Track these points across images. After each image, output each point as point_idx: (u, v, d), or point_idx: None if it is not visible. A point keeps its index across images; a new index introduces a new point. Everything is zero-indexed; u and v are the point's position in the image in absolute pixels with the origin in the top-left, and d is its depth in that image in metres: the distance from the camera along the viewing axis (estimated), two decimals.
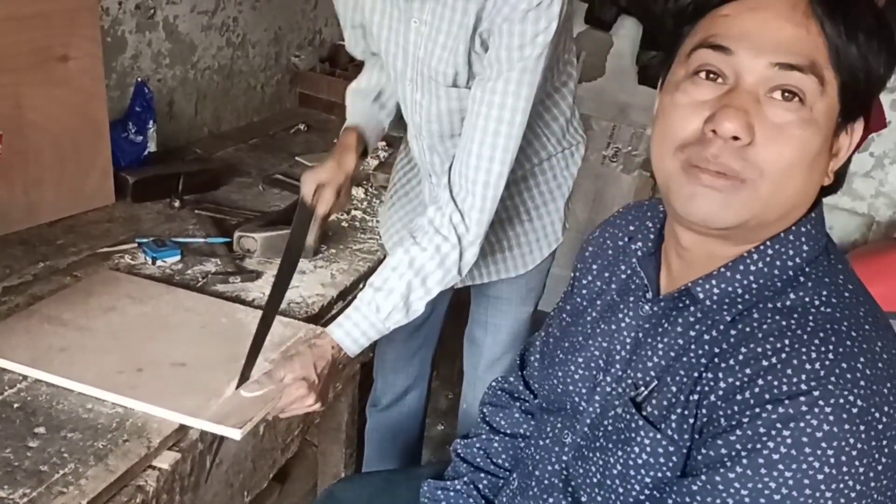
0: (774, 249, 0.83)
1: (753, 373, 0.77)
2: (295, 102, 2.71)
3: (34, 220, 1.58)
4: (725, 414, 0.78)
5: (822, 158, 0.80)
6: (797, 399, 0.73)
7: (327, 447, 1.84)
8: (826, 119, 0.78)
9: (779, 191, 0.79)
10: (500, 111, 1.25)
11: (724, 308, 0.84)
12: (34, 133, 1.55)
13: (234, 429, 1.11)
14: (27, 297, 1.35)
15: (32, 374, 1.15)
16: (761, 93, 0.78)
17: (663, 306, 0.90)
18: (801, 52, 0.76)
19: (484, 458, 1.20)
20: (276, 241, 1.62)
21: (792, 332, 0.77)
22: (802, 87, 0.77)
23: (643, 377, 0.90)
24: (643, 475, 0.86)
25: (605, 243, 1.06)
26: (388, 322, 1.29)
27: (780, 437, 0.73)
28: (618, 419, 0.91)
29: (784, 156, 0.77)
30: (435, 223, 1.30)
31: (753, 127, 0.77)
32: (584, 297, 1.05)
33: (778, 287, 0.83)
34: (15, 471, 0.99)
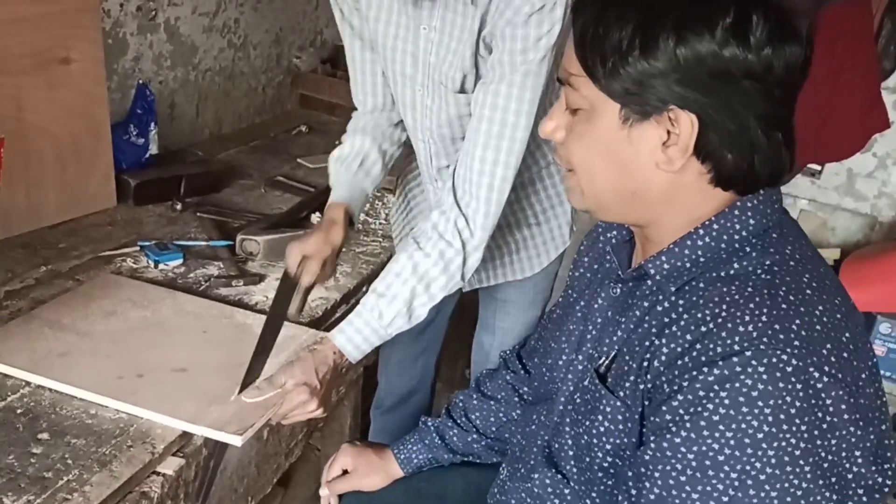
0: (720, 224, 0.86)
1: (693, 338, 0.80)
2: (296, 104, 2.70)
3: (36, 223, 1.58)
4: (668, 379, 0.81)
5: (622, 150, 0.86)
6: (730, 360, 0.76)
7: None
8: (599, 118, 0.86)
9: (593, 179, 0.89)
10: (504, 115, 1.25)
11: (670, 281, 0.88)
12: (35, 135, 1.55)
13: (235, 435, 1.10)
14: (29, 301, 1.34)
15: (32, 380, 1.14)
16: (563, 102, 0.91)
17: (629, 286, 0.95)
18: (566, 65, 0.88)
19: (460, 411, 1.30)
20: (279, 244, 1.61)
21: (731, 298, 0.81)
22: (567, 95, 0.89)
23: (607, 350, 0.94)
24: (604, 442, 0.91)
25: (598, 238, 1.10)
26: (390, 328, 1.28)
27: (717, 398, 0.76)
28: (585, 391, 0.96)
29: (577, 151, 0.89)
30: (439, 228, 1.30)
31: (562, 129, 0.91)
32: (575, 290, 1.10)
33: (723, 258, 0.86)
34: (19, 477, 0.98)
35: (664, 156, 0.84)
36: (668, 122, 0.83)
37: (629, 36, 0.81)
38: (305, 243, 1.38)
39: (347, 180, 1.49)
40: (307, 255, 1.38)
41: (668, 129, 0.83)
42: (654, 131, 0.84)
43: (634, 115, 0.84)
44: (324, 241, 1.39)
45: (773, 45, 0.79)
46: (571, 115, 0.90)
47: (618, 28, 0.82)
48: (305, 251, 1.38)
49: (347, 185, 1.48)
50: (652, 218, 0.90)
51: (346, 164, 1.50)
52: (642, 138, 0.85)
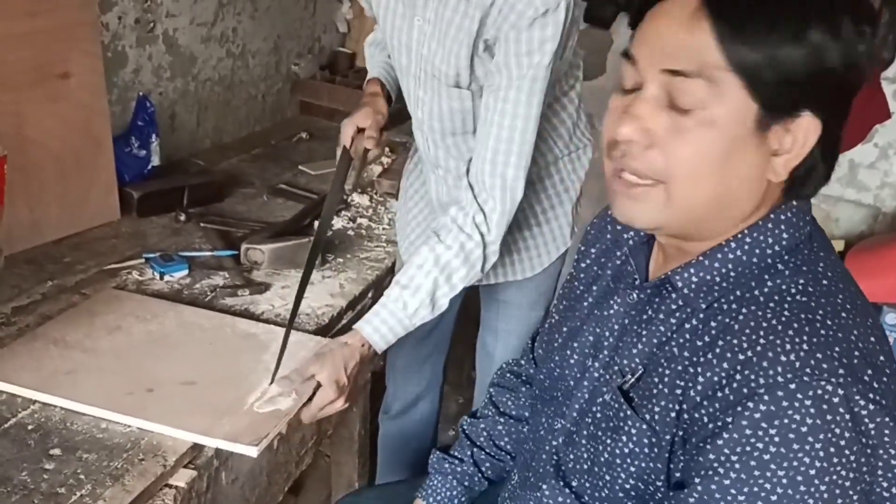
0: (753, 238, 0.83)
1: (731, 367, 0.77)
2: (296, 111, 2.70)
3: (39, 239, 1.58)
4: (708, 412, 0.78)
5: (737, 159, 0.78)
6: (775, 394, 0.73)
7: (340, 458, 1.83)
8: (730, 120, 0.77)
9: (689, 193, 0.80)
10: (513, 120, 1.28)
11: (700, 296, 0.85)
12: (36, 151, 1.55)
13: (251, 446, 1.10)
14: (37, 317, 1.34)
15: (41, 399, 1.14)
16: (661, 97, 0.79)
17: (648, 294, 0.91)
18: (689, 57, 0.77)
19: (488, 440, 1.23)
20: (284, 253, 1.61)
21: (768, 324, 0.78)
22: (693, 91, 0.77)
23: (629, 364, 0.91)
24: (629, 464, 0.87)
25: (605, 227, 1.07)
26: (414, 318, 1.31)
27: (767, 436, 0.74)
28: (606, 406, 0.92)
29: (684, 159, 0.79)
30: (458, 222, 1.33)
31: (650, 131, 0.79)
32: (582, 282, 1.07)
33: (755, 274, 0.83)
34: (32, 494, 0.98)
35: (771, 165, 0.79)
36: (797, 128, 0.78)
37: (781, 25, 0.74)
38: (357, 117, 1.48)
39: (382, 61, 1.59)
40: (361, 128, 1.46)
41: (791, 136, 0.78)
42: (777, 138, 0.78)
43: (770, 118, 0.77)
44: (373, 112, 1.48)
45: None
46: (679, 114, 0.78)
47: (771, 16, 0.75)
48: (359, 123, 1.47)
49: (382, 64, 1.58)
50: (705, 232, 0.84)
51: (381, 47, 1.60)
52: (766, 145, 0.78)
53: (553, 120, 1.46)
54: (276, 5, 2.47)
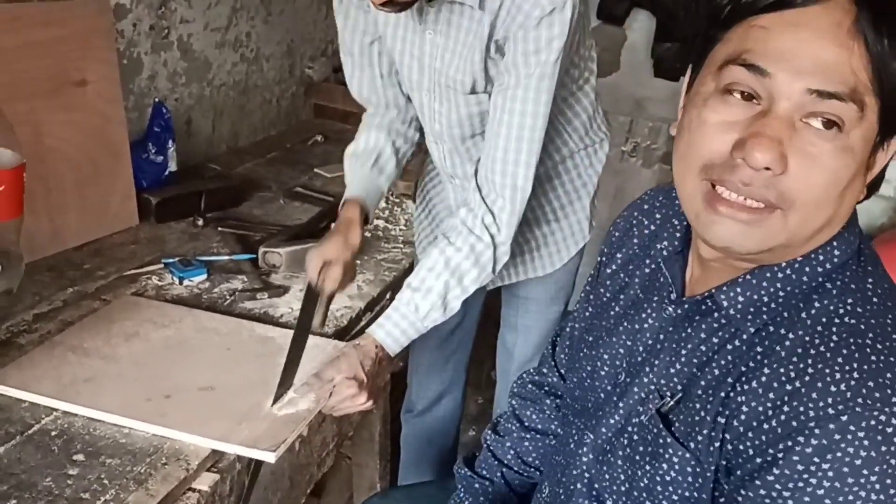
0: (804, 256, 0.79)
1: (777, 398, 0.74)
2: (310, 114, 2.71)
3: (60, 246, 1.59)
4: (754, 444, 0.75)
5: (856, 182, 0.74)
6: (827, 427, 0.70)
7: (361, 459, 1.83)
8: (863, 144, 0.73)
9: (809, 220, 0.75)
10: (522, 118, 1.27)
11: (748, 318, 0.81)
12: (55, 159, 1.56)
13: (269, 451, 1.10)
14: (58, 323, 1.35)
15: (62, 407, 1.14)
16: (796, 118, 0.72)
17: (686, 309, 0.87)
18: (842, 79, 0.70)
19: (515, 458, 1.20)
20: (301, 255, 1.61)
21: (815, 350, 0.74)
22: (841, 115, 0.71)
23: (667, 384, 0.87)
24: (671, 492, 0.84)
25: (631, 230, 1.03)
26: (426, 321, 1.31)
27: (820, 471, 0.71)
28: (643, 429, 0.88)
29: (817, 186, 0.73)
30: (468, 224, 1.33)
31: (786, 156, 0.72)
32: (608, 289, 1.03)
33: (803, 295, 0.79)
34: (56, 500, 0.99)
35: (861, 184, 0.76)
36: (891, 145, 0.75)
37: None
38: (325, 248, 1.39)
39: (363, 176, 1.51)
40: (328, 261, 1.39)
41: (884, 154, 0.75)
42: (877, 157, 0.75)
43: (883, 140, 0.74)
44: (343, 244, 1.40)
45: None
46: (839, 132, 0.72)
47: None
48: (326, 256, 1.39)
49: (363, 182, 1.50)
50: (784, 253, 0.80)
51: (360, 161, 1.52)
52: (876, 164, 0.75)
53: (568, 113, 1.46)
54: (289, 9, 2.48)
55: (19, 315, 1.36)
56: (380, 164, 1.53)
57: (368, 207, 1.48)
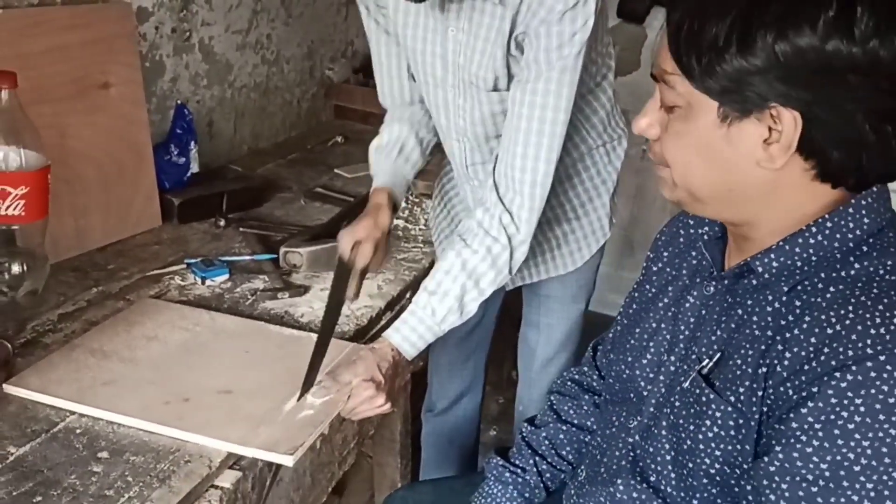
0: (833, 222, 0.83)
1: (819, 342, 0.77)
2: (331, 115, 2.72)
3: (84, 247, 1.61)
4: (794, 385, 0.78)
5: (724, 147, 0.83)
6: (864, 364, 0.74)
7: (382, 458, 1.84)
8: (694, 113, 0.84)
9: (686, 175, 0.88)
10: (543, 111, 1.26)
11: (782, 280, 0.85)
12: (79, 161, 1.58)
13: (286, 455, 1.10)
14: (83, 324, 1.37)
15: (81, 410, 1.14)
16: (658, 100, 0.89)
17: (726, 284, 0.92)
18: (657, 62, 0.87)
19: (550, 449, 1.22)
20: (322, 255, 1.63)
21: (856, 300, 0.78)
22: (660, 91, 0.87)
23: (707, 350, 0.91)
24: (713, 448, 0.87)
25: (678, 232, 1.07)
26: (443, 325, 1.31)
27: (852, 405, 0.74)
28: (686, 394, 0.91)
29: (669, 149, 0.88)
30: (484, 225, 1.31)
31: (656, 128, 0.89)
32: (654, 285, 1.07)
33: (838, 258, 0.83)
34: (81, 496, 1.00)
35: (765, 154, 0.81)
36: (769, 119, 0.80)
37: (725, 32, 0.78)
38: (356, 229, 1.42)
39: (388, 167, 1.52)
40: (359, 240, 1.41)
41: (770, 127, 0.80)
42: (755, 129, 0.81)
43: (734, 112, 0.81)
44: (373, 225, 1.43)
45: (880, 36, 0.75)
46: (667, 112, 0.88)
47: (713, 24, 0.79)
48: (357, 236, 1.41)
49: (389, 172, 1.52)
50: (750, 216, 0.88)
51: (385, 153, 1.53)
52: (742, 136, 0.82)
53: (586, 110, 1.45)
54: (308, 11, 2.49)
55: (44, 315, 1.38)
56: (404, 153, 1.53)
57: (396, 195, 1.50)
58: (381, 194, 1.48)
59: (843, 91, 0.77)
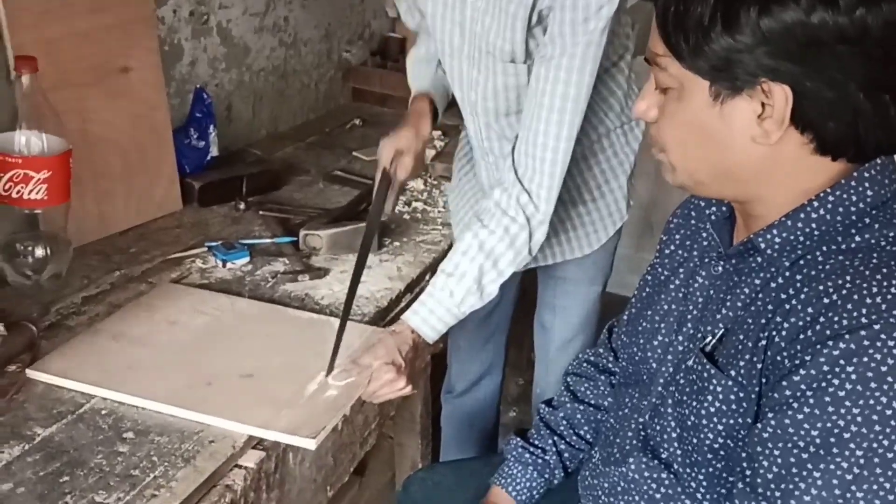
0: (836, 196, 0.83)
1: (815, 311, 0.78)
2: (349, 98, 2.72)
3: (106, 231, 1.62)
4: (789, 354, 0.79)
5: (718, 126, 0.84)
6: (858, 333, 0.74)
7: (403, 439, 1.85)
8: (687, 93, 0.84)
9: (683, 157, 0.88)
10: (566, 88, 1.25)
11: (784, 255, 0.85)
12: (101, 146, 1.59)
13: (309, 439, 1.11)
14: (106, 306, 1.38)
15: (105, 395, 1.15)
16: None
17: (734, 263, 0.92)
18: (649, 45, 0.87)
19: (567, 427, 1.23)
20: (342, 238, 1.63)
21: (854, 269, 0.78)
22: (654, 74, 0.88)
23: (712, 329, 0.92)
24: (716, 423, 0.88)
25: (689, 214, 1.08)
26: (462, 306, 1.30)
27: (844, 373, 0.74)
28: (689, 371, 0.93)
29: (666, 130, 0.89)
30: (501, 205, 1.31)
31: (654, 111, 0.90)
32: (666, 267, 1.07)
33: (840, 230, 0.83)
34: (108, 476, 1.02)
35: (760, 129, 0.82)
36: (761, 95, 0.80)
37: (710, 11, 0.79)
38: (397, 139, 1.43)
39: (429, 74, 1.54)
40: (399, 151, 1.42)
41: (763, 102, 0.80)
42: (748, 106, 0.82)
43: (725, 91, 0.82)
44: (414, 135, 1.44)
45: (866, 4, 0.74)
46: (661, 94, 0.88)
47: (698, 4, 0.80)
48: (398, 146, 1.43)
49: (430, 79, 1.53)
50: (752, 193, 0.88)
51: (424, 61, 1.55)
52: (735, 114, 0.82)
53: (603, 91, 1.43)
54: None
55: (68, 298, 1.39)
56: None
57: (437, 102, 1.50)
58: (423, 101, 1.48)
59: (834, 62, 0.77)
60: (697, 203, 1.06)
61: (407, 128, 1.44)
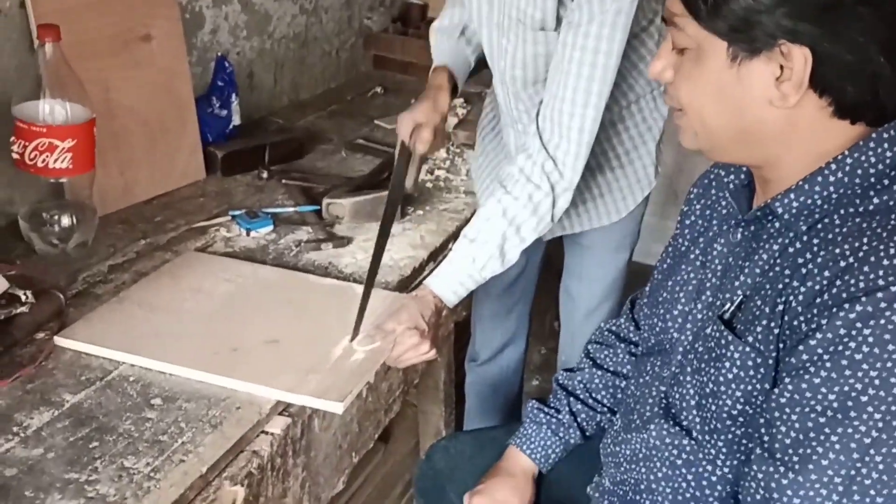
0: (854, 158, 0.82)
1: (832, 275, 0.77)
2: (370, 65, 2.70)
3: (131, 200, 1.62)
4: (806, 318, 0.78)
5: (736, 88, 0.83)
6: (874, 295, 0.74)
7: (427, 407, 1.86)
8: (705, 54, 0.83)
9: (701, 119, 0.87)
10: (595, 56, 1.23)
11: (801, 219, 0.84)
12: (124, 115, 1.59)
13: (336, 402, 1.12)
14: (132, 275, 1.39)
15: (133, 361, 1.16)
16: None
17: (752, 229, 0.91)
18: (666, 4, 0.86)
19: (584, 391, 1.24)
20: (364, 206, 1.63)
21: (871, 231, 0.77)
22: (672, 35, 0.87)
23: (730, 296, 0.91)
24: (734, 389, 0.88)
25: (709, 184, 1.07)
26: (484, 272, 1.30)
27: (860, 336, 0.74)
28: (708, 339, 0.92)
29: (683, 92, 0.87)
30: (525, 171, 1.30)
31: (669, 71, 0.89)
32: (687, 238, 1.07)
33: (859, 193, 0.82)
34: (136, 441, 1.03)
35: (778, 92, 0.81)
36: (779, 57, 0.79)
37: None
38: (415, 112, 1.43)
39: (450, 47, 1.53)
40: (418, 124, 1.42)
41: (781, 64, 0.79)
42: (766, 68, 0.80)
43: (743, 52, 0.81)
44: (432, 108, 1.44)
45: None
46: (679, 55, 0.87)
47: None
48: (416, 119, 1.43)
49: (450, 52, 1.52)
50: (770, 157, 0.87)
51: (447, 33, 1.54)
52: (753, 76, 0.81)
53: (632, 56, 1.41)
54: None
55: (95, 266, 1.40)
56: (466, 35, 1.53)
57: (457, 75, 1.50)
58: (441, 74, 1.48)
59: (854, 24, 0.76)
60: (717, 172, 1.05)
61: (425, 101, 1.44)
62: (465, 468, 1.30)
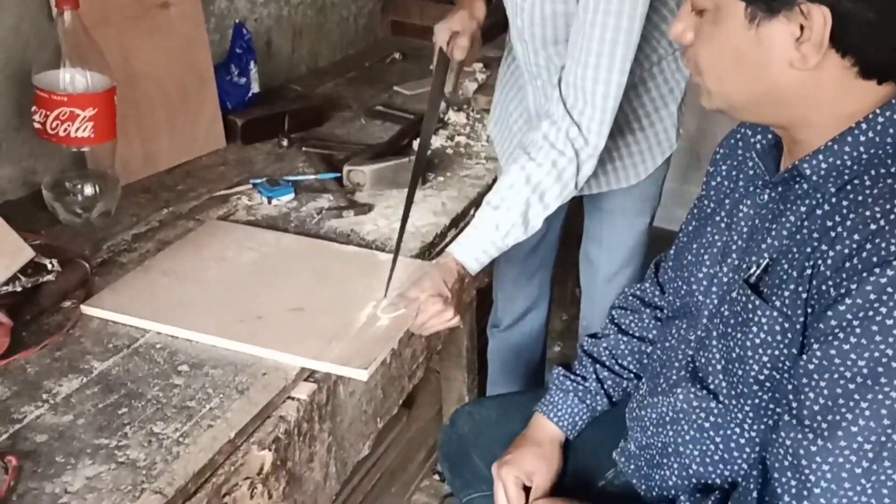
0: (886, 116, 0.81)
1: (862, 238, 0.76)
2: (388, 31, 2.68)
3: (152, 169, 1.63)
4: (835, 283, 0.77)
5: (754, 49, 0.82)
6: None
7: (450, 373, 1.87)
8: (723, 15, 0.82)
9: (719, 81, 0.87)
10: (618, 19, 1.21)
11: (830, 181, 0.83)
12: (144, 83, 1.59)
13: (361, 369, 1.12)
14: (156, 243, 1.39)
15: (160, 329, 1.17)
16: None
17: (779, 191, 0.90)
18: None
19: (610, 357, 1.23)
20: (385, 173, 1.62)
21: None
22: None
23: (757, 259, 0.90)
24: (760, 354, 0.87)
25: (736, 144, 1.05)
26: (507, 239, 1.29)
27: (892, 301, 0.73)
28: (734, 303, 0.91)
29: (701, 53, 0.87)
30: (550, 138, 1.28)
31: (690, 33, 0.88)
32: (712, 199, 1.05)
33: (890, 153, 0.80)
34: (165, 407, 1.04)
35: (798, 54, 0.79)
36: (799, 17, 0.77)
37: None
38: (451, 20, 1.47)
39: None
40: (455, 32, 1.45)
41: (801, 24, 0.77)
42: (785, 28, 0.79)
43: (761, 13, 0.79)
44: (469, 16, 1.47)
45: None
46: (698, 16, 0.85)
47: None
48: (453, 27, 1.46)
49: None
50: (795, 118, 0.85)
51: None
52: (772, 37, 0.80)
53: (654, 17, 1.38)
54: None
55: (119, 236, 1.41)
56: None
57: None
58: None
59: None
60: (744, 132, 1.03)
61: (461, 10, 1.46)
62: (490, 433, 1.31)
